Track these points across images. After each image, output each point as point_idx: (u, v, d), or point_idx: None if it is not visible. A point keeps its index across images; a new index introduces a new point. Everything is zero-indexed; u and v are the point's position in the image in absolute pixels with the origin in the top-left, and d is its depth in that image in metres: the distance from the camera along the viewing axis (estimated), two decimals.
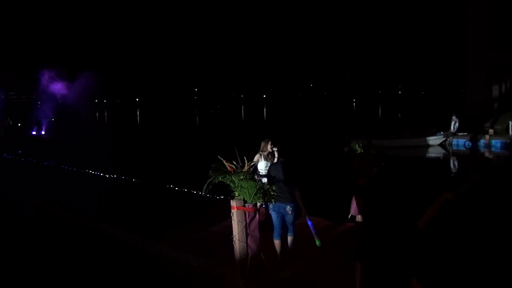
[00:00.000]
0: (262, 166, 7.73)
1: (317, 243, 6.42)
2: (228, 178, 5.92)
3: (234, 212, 5.89)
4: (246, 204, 5.90)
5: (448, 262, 5.86)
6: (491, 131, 21.58)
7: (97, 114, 74.76)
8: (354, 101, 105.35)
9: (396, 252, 3.38)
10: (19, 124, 32.12)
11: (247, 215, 5.90)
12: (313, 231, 6.44)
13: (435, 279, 4.54)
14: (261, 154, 7.81)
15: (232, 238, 5.94)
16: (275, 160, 7.37)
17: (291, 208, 6.17)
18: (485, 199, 10.83)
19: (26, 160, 18.44)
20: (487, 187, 12.80)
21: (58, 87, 30.66)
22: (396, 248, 3.38)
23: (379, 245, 3.41)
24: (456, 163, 19.34)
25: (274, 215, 6.33)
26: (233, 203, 5.90)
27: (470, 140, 21.36)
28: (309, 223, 6.43)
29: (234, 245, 5.92)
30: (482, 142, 21.19)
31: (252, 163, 6.41)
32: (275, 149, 7.48)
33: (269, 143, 7.73)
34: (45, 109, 32.01)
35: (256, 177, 6.32)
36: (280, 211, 6.24)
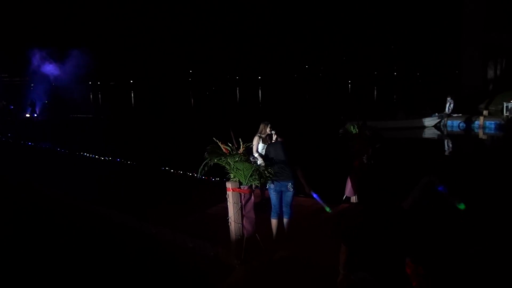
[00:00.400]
0: (260, 148, 7.72)
1: (327, 209, 6.75)
2: (224, 160, 5.93)
3: (229, 193, 5.92)
4: (241, 186, 5.92)
5: (442, 242, 5.94)
6: (485, 112, 21.63)
7: (91, 95, 74.22)
8: (349, 83, 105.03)
9: (391, 233, 3.38)
10: (12, 107, 31.88)
11: (243, 197, 5.93)
12: (320, 201, 6.70)
13: (429, 259, 4.59)
14: (259, 136, 7.76)
15: (228, 219, 5.98)
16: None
17: (292, 185, 6.23)
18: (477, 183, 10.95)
19: (19, 142, 18.34)
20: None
21: (50, 68, 30.31)
22: (391, 229, 3.39)
23: (374, 226, 3.40)
24: (450, 144, 19.43)
25: (273, 195, 6.35)
26: (228, 184, 5.92)
27: (464, 122, 21.43)
28: (315, 195, 6.63)
29: (230, 227, 5.97)
30: (476, 123, 21.26)
31: (249, 145, 6.44)
32: (273, 132, 7.45)
33: (268, 125, 7.66)
34: (38, 91, 31.74)
35: (251, 159, 6.34)
36: (281, 189, 6.27)
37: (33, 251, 7.34)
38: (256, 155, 7.35)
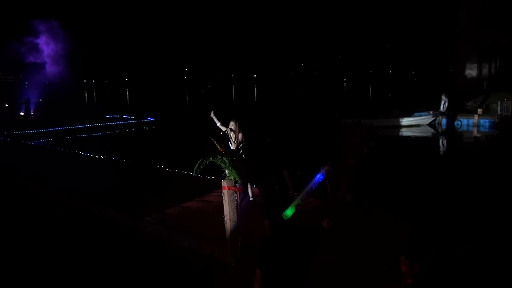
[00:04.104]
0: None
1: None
2: (219, 159, 5.93)
3: (225, 192, 5.92)
4: (237, 184, 5.92)
5: (437, 241, 5.98)
6: (480, 110, 21.74)
7: (86, 94, 73.96)
8: (344, 81, 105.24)
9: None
10: (6, 105, 31.70)
11: (238, 195, 5.94)
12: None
13: (423, 256, 4.63)
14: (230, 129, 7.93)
15: (223, 218, 5.98)
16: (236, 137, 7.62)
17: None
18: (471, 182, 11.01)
19: (15, 140, 18.26)
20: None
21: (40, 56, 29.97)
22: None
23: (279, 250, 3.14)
24: (444, 142, 19.51)
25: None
26: (224, 183, 5.92)
27: (459, 120, 21.56)
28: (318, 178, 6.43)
29: (225, 225, 5.97)
30: (470, 121, 21.36)
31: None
32: (232, 126, 7.67)
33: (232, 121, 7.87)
34: (32, 88, 31.55)
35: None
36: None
37: (28, 250, 7.32)
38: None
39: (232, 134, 7.80)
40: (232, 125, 7.84)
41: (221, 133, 7.85)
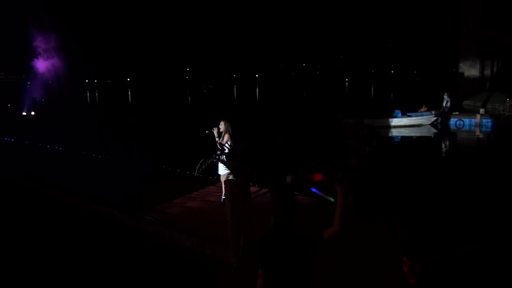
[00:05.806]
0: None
1: (331, 199, 6.41)
2: (220, 159, 5.93)
3: (227, 192, 5.92)
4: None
5: (439, 241, 5.97)
6: (482, 110, 21.68)
7: (88, 93, 74.04)
8: (346, 80, 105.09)
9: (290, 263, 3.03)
10: (9, 105, 31.77)
11: (240, 195, 5.94)
12: (321, 194, 6.48)
13: (425, 256, 4.63)
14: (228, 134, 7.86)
15: (226, 218, 5.98)
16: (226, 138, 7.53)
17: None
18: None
19: (17, 141, 18.28)
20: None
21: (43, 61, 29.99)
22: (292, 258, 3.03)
23: (276, 253, 3.10)
24: (446, 142, 19.46)
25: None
26: (226, 183, 5.92)
27: (461, 120, 21.49)
28: (314, 190, 6.49)
29: (227, 225, 5.97)
30: (473, 121, 21.29)
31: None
32: (220, 127, 7.59)
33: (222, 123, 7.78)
34: (34, 88, 31.62)
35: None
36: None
37: (29, 250, 7.33)
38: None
39: (217, 134, 7.69)
40: (221, 125, 7.74)
41: (207, 131, 7.71)
